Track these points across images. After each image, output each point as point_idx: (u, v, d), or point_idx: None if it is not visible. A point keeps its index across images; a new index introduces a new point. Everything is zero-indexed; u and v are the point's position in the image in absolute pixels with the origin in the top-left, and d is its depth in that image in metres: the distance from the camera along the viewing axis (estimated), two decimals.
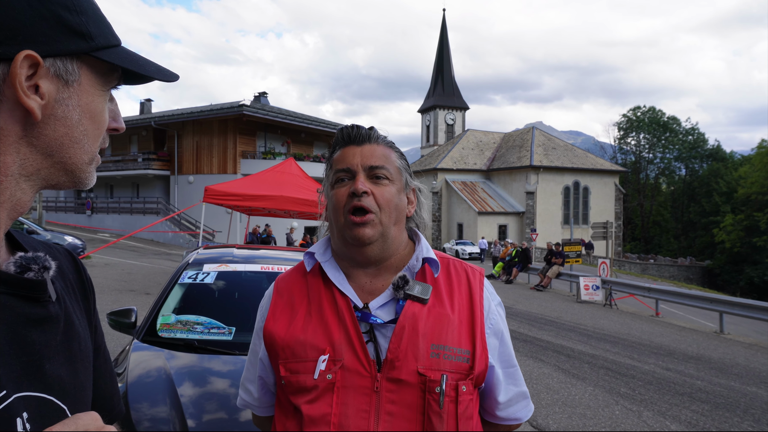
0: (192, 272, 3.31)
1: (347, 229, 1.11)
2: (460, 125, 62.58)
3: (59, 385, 0.68)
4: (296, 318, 1.13)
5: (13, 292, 0.64)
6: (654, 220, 60.04)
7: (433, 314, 1.10)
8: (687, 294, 13.31)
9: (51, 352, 0.67)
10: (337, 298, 1.12)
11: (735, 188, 47.38)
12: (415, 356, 1.05)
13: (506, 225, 42.77)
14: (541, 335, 9.69)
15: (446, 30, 67.74)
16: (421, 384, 1.04)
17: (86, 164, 0.69)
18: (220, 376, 2.55)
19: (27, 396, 0.62)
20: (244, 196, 10.70)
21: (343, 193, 1.12)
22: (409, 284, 1.11)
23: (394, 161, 1.17)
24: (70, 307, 0.75)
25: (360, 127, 1.18)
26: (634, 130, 61.67)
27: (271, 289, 1.24)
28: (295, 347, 1.09)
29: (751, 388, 6.67)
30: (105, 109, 0.70)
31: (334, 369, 1.05)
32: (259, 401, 1.24)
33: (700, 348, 9.28)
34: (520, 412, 1.21)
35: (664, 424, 5.14)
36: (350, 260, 1.16)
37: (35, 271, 0.67)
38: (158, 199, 28.31)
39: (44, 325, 0.67)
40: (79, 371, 0.73)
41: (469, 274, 1.20)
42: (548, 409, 5.43)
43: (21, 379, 0.62)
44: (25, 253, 0.70)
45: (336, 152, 1.18)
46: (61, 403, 0.67)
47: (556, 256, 17.99)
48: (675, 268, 43.63)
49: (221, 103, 28.99)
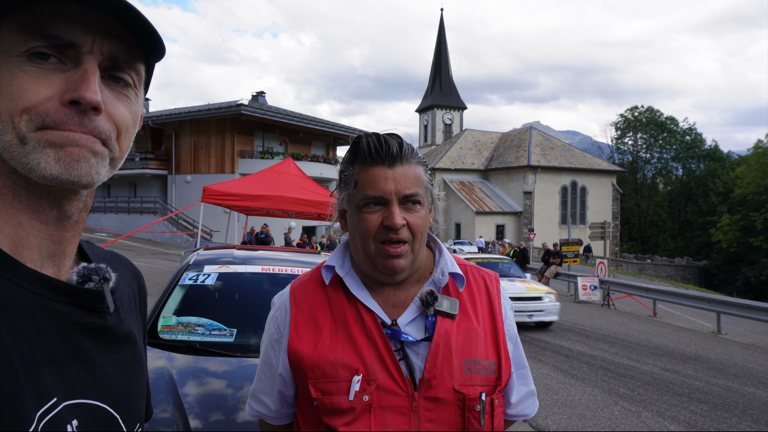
0: (193, 273, 3.30)
1: (380, 257, 1.08)
2: (457, 125, 62.64)
3: (112, 393, 0.69)
4: (322, 336, 1.09)
5: (72, 302, 0.65)
6: (651, 220, 60.16)
7: (462, 329, 1.10)
8: (685, 294, 13.36)
9: (105, 361, 0.69)
10: (363, 314, 1.09)
11: (732, 188, 47.50)
12: (451, 374, 1.05)
13: (504, 225, 42.82)
14: (540, 335, 9.70)
15: (444, 30, 67.81)
16: (458, 401, 1.05)
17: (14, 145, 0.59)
18: (223, 378, 2.54)
19: (78, 403, 0.63)
20: (243, 196, 10.69)
21: (375, 221, 1.07)
22: (438, 300, 1.10)
23: (424, 182, 1.11)
24: (126, 317, 0.76)
25: (389, 142, 1.07)
26: (632, 130, 61.78)
27: (287, 300, 1.18)
28: (324, 367, 1.06)
29: (749, 388, 6.69)
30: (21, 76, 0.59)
31: (369, 389, 1.03)
32: (277, 413, 1.21)
33: (698, 348, 9.31)
34: (528, 408, 1.24)
35: (663, 425, 5.15)
36: (374, 278, 1.14)
37: (95, 281, 0.69)
38: (155, 199, 28.25)
39: (100, 334, 0.69)
40: (132, 380, 0.74)
41: (487, 282, 1.20)
42: (548, 410, 5.44)
43: (73, 387, 0.63)
44: (89, 263, 0.72)
45: (359, 166, 1.09)
46: (113, 411, 0.68)
47: (554, 256, 18.03)
48: (672, 267, 43.71)
49: (219, 103, 28.95)
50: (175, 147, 29.17)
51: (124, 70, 0.66)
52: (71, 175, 0.60)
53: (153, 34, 0.66)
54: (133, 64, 0.67)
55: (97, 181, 0.63)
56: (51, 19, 0.60)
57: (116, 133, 0.65)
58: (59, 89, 0.60)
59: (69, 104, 0.60)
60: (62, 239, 0.67)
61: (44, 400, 0.59)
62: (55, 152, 0.60)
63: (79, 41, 0.61)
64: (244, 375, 2.51)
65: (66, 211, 0.66)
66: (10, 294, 0.59)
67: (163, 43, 0.68)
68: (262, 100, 33.04)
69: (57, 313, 0.63)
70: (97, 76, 0.62)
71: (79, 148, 0.61)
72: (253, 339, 2.86)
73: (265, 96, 33.83)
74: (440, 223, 1.23)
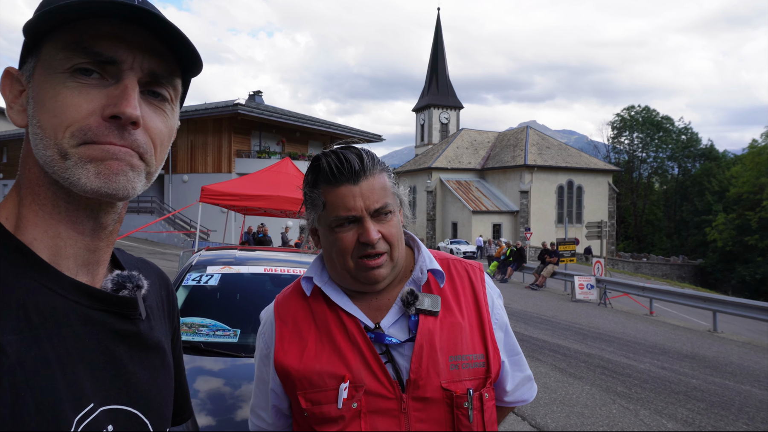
0: (196, 274, 3.32)
1: (360, 271, 1.08)
2: (454, 124, 62.65)
3: (143, 399, 0.70)
4: (308, 347, 1.10)
5: (106, 309, 0.67)
6: (647, 219, 60.36)
7: (446, 325, 1.10)
8: (681, 293, 13.43)
9: (137, 367, 0.70)
10: (345, 321, 1.10)
11: (727, 187, 47.76)
12: (437, 372, 1.06)
13: (500, 224, 42.87)
14: (537, 334, 9.74)
15: (441, 29, 67.73)
16: (446, 399, 1.05)
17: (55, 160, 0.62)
18: (227, 377, 2.57)
19: (113, 409, 0.65)
20: (241, 195, 10.69)
21: (351, 239, 1.06)
22: (418, 299, 1.10)
23: (390, 189, 1.10)
24: (156, 324, 0.78)
25: (349, 158, 1.06)
26: (628, 130, 61.97)
27: (271, 315, 1.19)
28: (311, 377, 1.07)
29: (745, 386, 6.75)
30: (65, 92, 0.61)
31: (357, 396, 1.04)
32: (275, 426, 1.23)
33: (694, 347, 9.37)
34: (525, 394, 1.25)
35: (660, 423, 5.19)
36: (356, 289, 1.14)
37: (129, 289, 0.71)
38: (152, 198, 28.17)
39: (132, 341, 0.71)
40: (162, 387, 0.76)
41: (470, 273, 1.21)
42: (546, 408, 5.47)
43: (108, 392, 0.65)
44: (122, 271, 0.74)
45: (324, 186, 1.07)
46: (144, 417, 0.70)
47: (551, 255, 18.08)
48: (668, 266, 43.90)
49: (216, 102, 28.90)
50: (172, 146, 28.67)
51: (162, 85, 0.68)
52: (110, 188, 0.63)
53: (191, 50, 0.68)
54: (171, 79, 0.69)
55: (133, 194, 0.65)
56: (93, 37, 0.62)
57: (153, 146, 0.67)
58: (100, 104, 0.62)
59: (110, 119, 0.62)
60: (97, 248, 0.69)
61: (82, 405, 0.60)
62: (95, 167, 0.62)
63: (120, 58, 0.63)
64: (247, 375, 2.54)
65: (102, 222, 0.68)
66: (50, 302, 0.61)
67: (201, 60, 0.70)
68: (259, 100, 32.99)
69: (93, 320, 0.65)
70: (137, 91, 0.64)
71: (117, 162, 0.63)
72: (256, 339, 2.89)
73: (262, 95, 33.80)
74: (409, 216, 1.22)
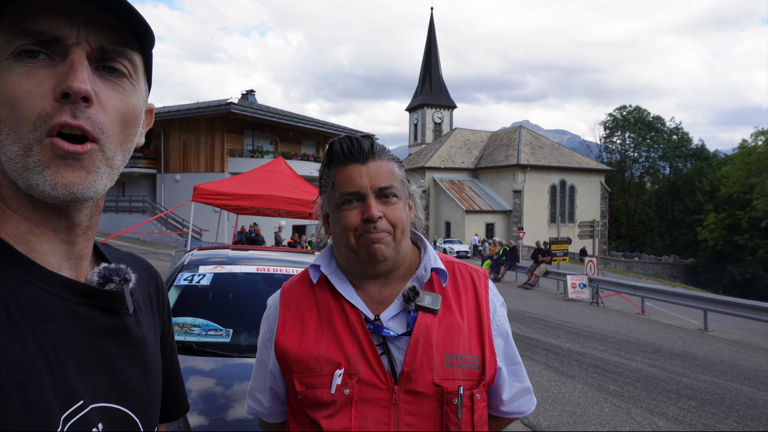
0: (188, 274, 3.30)
1: (363, 249, 1.10)
2: (447, 124, 62.76)
3: (133, 397, 0.68)
4: (308, 331, 1.12)
5: (92, 303, 0.65)
6: (639, 219, 60.76)
7: (444, 324, 1.11)
8: (672, 292, 13.54)
9: (125, 364, 0.68)
10: (347, 311, 1.12)
11: (718, 187, 48.15)
12: (431, 368, 1.07)
13: (493, 223, 43.01)
14: (530, 333, 9.78)
15: (434, 29, 67.86)
16: (437, 395, 1.07)
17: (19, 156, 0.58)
18: (219, 377, 2.55)
19: (102, 407, 0.63)
20: (234, 195, 10.65)
21: (354, 217, 1.10)
22: (419, 295, 1.12)
23: (398, 176, 1.15)
24: (143, 320, 0.76)
25: (360, 141, 1.13)
26: (620, 129, 62.34)
27: (277, 299, 1.22)
28: (309, 361, 1.09)
29: (735, 384, 6.80)
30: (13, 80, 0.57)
31: (350, 383, 1.06)
32: (270, 410, 1.25)
33: (685, 345, 9.44)
34: (523, 406, 1.24)
35: (652, 421, 5.23)
36: (359, 274, 1.16)
37: (116, 282, 0.69)
38: (144, 198, 28.01)
39: (120, 336, 0.68)
40: (151, 384, 0.74)
41: (474, 278, 1.22)
42: (539, 407, 5.49)
43: (97, 390, 0.63)
44: (109, 264, 0.71)
45: (336, 168, 1.14)
46: (134, 415, 0.68)
47: (544, 254, 18.15)
48: (659, 265, 44.21)
49: (208, 101, 28.77)
50: (164, 146, 28.94)
51: (115, 59, 0.64)
52: (69, 196, 0.59)
53: (138, 19, 0.63)
54: (123, 52, 0.64)
55: (96, 194, 0.62)
56: (33, 16, 0.58)
57: (110, 125, 0.63)
58: (50, 85, 0.58)
59: (62, 98, 0.58)
60: (75, 243, 0.67)
61: (70, 402, 0.58)
62: (51, 175, 0.58)
63: (63, 34, 0.59)
64: (239, 374, 2.53)
65: (75, 221, 0.66)
66: (33, 297, 0.58)
67: (151, 29, 0.66)
68: (251, 99, 32.89)
69: (79, 315, 0.63)
70: (86, 66, 0.60)
71: (71, 170, 0.59)
72: (248, 339, 2.88)
73: (255, 95, 33.68)
74: (421, 218, 1.24)
